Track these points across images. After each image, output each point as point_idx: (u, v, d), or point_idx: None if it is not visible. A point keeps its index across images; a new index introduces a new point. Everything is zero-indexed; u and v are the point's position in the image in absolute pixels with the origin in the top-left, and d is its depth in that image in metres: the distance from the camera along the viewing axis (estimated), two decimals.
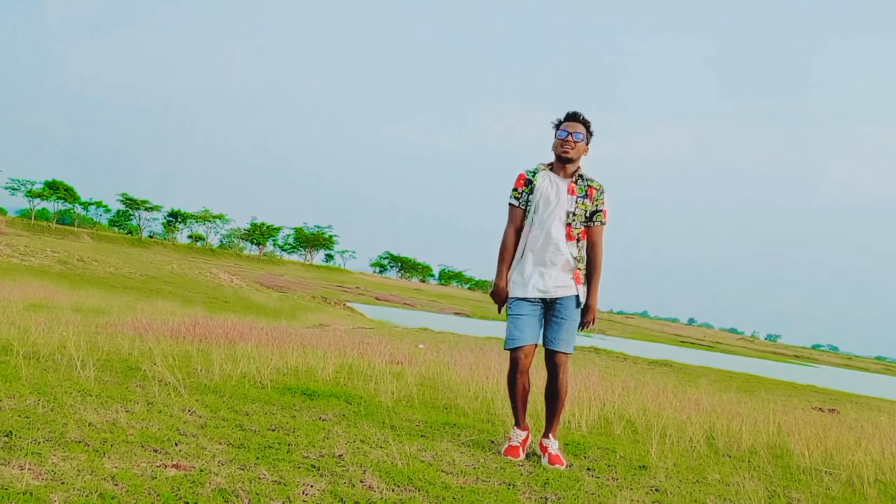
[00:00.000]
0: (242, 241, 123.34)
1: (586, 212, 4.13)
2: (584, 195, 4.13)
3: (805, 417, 6.88)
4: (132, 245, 75.34)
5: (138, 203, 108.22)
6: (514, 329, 4.08)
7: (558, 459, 4.03)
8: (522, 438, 4.18)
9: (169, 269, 49.14)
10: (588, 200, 4.13)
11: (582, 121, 4.13)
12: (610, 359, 18.89)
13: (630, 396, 6.51)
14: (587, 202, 4.12)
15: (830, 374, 44.74)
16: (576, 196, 4.10)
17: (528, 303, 4.10)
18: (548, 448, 4.10)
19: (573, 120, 4.13)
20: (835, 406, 10.11)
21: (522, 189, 4.19)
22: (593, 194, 4.14)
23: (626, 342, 49.23)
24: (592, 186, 4.15)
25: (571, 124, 4.12)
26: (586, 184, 4.15)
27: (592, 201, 4.13)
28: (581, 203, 4.11)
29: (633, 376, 8.49)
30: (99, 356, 5.92)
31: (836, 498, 4.16)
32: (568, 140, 4.08)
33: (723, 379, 15.53)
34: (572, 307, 4.10)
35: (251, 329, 9.30)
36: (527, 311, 4.09)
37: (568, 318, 4.08)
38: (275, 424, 4.10)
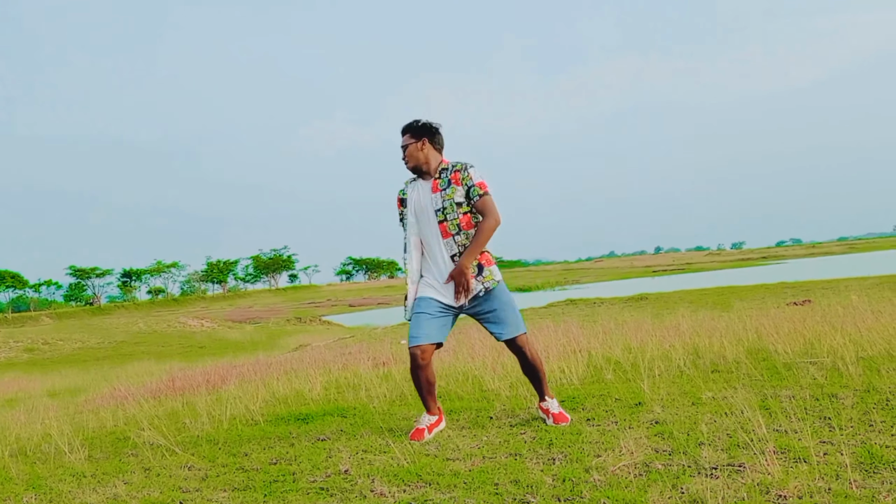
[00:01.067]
0: (203, 283, 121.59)
1: (455, 199, 4.12)
2: (448, 184, 4.14)
3: (781, 315, 7.07)
4: (94, 315, 73.76)
5: (88, 272, 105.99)
6: (415, 328, 4.13)
7: (563, 417, 4.10)
8: (431, 422, 4.22)
9: (136, 329, 48.28)
10: (454, 186, 4.13)
11: (406, 130, 4.27)
12: (587, 306, 19.14)
13: (613, 339, 6.62)
14: (454, 189, 4.13)
15: (798, 267, 45.95)
16: (440, 191, 4.15)
17: (436, 302, 4.15)
18: (549, 409, 4.17)
19: (402, 134, 4.29)
20: (807, 297, 10.40)
21: (401, 210, 4.34)
22: (458, 177, 4.14)
23: (600, 286, 49.84)
24: (456, 170, 4.17)
25: (402, 138, 4.29)
26: (449, 173, 4.18)
27: (460, 184, 4.13)
28: (447, 194, 4.13)
29: (613, 318, 8.63)
30: (85, 436, 5.82)
31: (824, 385, 4.31)
32: (403, 156, 4.26)
33: (698, 299, 15.85)
34: (492, 296, 4.15)
35: (231, 369, 9.21)
36: (433, 309, 4.13)
37: (498, 308, 4.14)
38: (275, 457, 4.09)
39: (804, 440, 3.19)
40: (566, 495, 2.84)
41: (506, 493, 2.95)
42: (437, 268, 4.17)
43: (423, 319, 4.12)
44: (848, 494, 2.57)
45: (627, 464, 3.12)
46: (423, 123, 4.25)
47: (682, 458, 3.15)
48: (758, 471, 2.86)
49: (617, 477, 2.98)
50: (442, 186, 4.15)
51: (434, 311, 4.13)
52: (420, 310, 4.15)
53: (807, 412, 3.75)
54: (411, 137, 4.24)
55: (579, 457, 3.34)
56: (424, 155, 4.21)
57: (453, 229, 4.12)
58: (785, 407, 3.84)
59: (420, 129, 4.24)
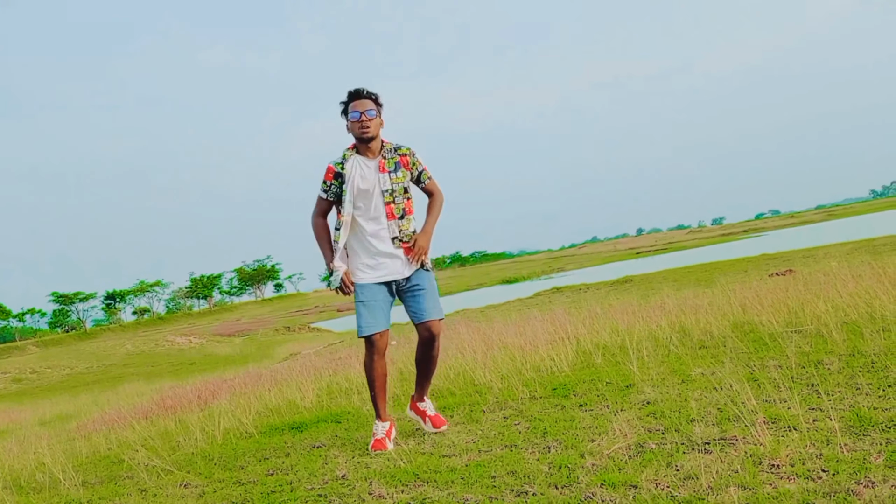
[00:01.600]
0: (188, 300, 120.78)
1: (405, 183, 4.07)
2: (396, 168, 4.05)
3: (764, 287, 7.14)
4: (80, 340, 73.00)
5: (71, 297, 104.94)
6: (368, 315, 4.02)
7: (440, 420, 4.15)
8: (387, 429, 4.11)
9: (124, 351, 47.91)
10: (403, 170, 4.06)
11: (368, 96, 4.00)
12: (573, 292, 19.22)
13: (600, 323, 6.66)
14: (403, 172, 4.05)
15: (779, 238, 46.34)
16: (388, 172, 4.02)
17: (376, 286, 4.06)
18: (426, 411, 4.18)
19: (360, 98, 4.00)
20: (789, 267, 10.50)
21: (332, 182, 4.07)
22: (407, 161, 4.07)
23: (585, 272, 50.03)
24: (404, 155, 4.08)
25: (360, 103, 3.98)
26: (396, 155, 4.07)
27: (409, 168, 4.08)
28: (396, 177, 4.04)
29: (599, 303, 8.67)
30: (79, 462, 5.77)
31: (810, 352, 4.36)
32: (363, 120, 3.96)
33: (682, 277, 15.97)
34: (424, 276, 4.09)
35: (221, 384, 9.16)
36: (377, 295, 4.05)
37: (427, 288, 4.07)
38: (272, 468, 4.07)
39: (793, 408, 3.23)
40: (563, 482, 2.85)
41: (503, 484, 2.96)
42: (373, 248, 4.03)
43: (375, 307, 4.02)
44: (839, 458, 2.60)
45: (621, 446, 3.15)
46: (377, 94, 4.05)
47: (675, 435, 3.18)
48: (750, 442, 2.89)
49: (612, 460, 3.00)
50: (390, 168, 4.03)
51: (381, 297, 4.05)
52: (367, 298, 4.03)
53: (794, 381, 3.79)
54: (376, 105, 4.02)
55: (574, 443, 3.36)
56: (379, 128, 4.04)
57: (398, 213, 4.04)
58: (772, 377, 3.88)
59: (379, 101, 4.04)
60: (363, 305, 4.04)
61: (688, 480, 2.63)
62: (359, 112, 3.96)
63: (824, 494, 2.33)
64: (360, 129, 3.98)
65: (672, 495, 2.51)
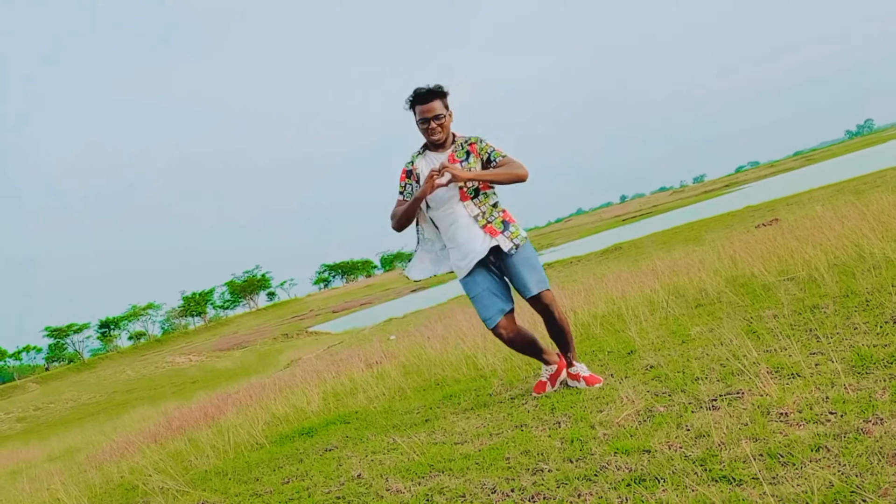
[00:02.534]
0: (183, 319, 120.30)
1: (476, 167, 3.92)
2: (467, 156, 3.93)
3: (752, 239, 7.18)
4: (80, 371, 72.61)
5: (65, 330, 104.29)
6: (482, 308, 3.99)
7: (594, 378, 3.96)
8: (551, 373, 4.12)
9: (125, 377, 47.74)
10: (473, 157, 3.92)
11: (434, 94, 3.86)
12: (563, 266, 19.29)
13: (595, 294, 6.68)
14: (474, 159, 3.92)
15: (760, 189, 46.51)
16: (459, 163, 3.91)
17: (477, 275, 3.97)
18: (579, 374, 4.02)
19: (426, 101, 3.86)
20: (774, 217, 10.56)
21: (406, 182, 4.03)
22: (476, 149, 3.94)
23: (575, 244, 50.12)
24: (472, 143, 3.96)
25: (427, 108, 3.85)
26: (466, 146, 3.96)
27: (479, 155, 3.93)
28: (468, 164, 3.91)
29: (591, 273, 8.70)
30: (93, 493, 5.76)
31: (804, 298, 4.39)
32: (433, 127, 3.87)
33: (669, 239, 16.02)
34: (520, 252, 3.94)
35: (226, 399, 9.15)
36: (480, 284, 3.97)
37: (520, 261, 3.93)
38: (287, 477, 4.08)
39: (794, 356, 3.26)
40: (577, 455, 2.87)
41: (518, 465, 2.98)
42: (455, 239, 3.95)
43: (484, 296, 3.96)
44: (846, 399, 2.63)
45: (630, 413, 3.16)
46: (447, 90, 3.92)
47: (682, 396, 3.20)
48: (756, 394, 2.92)
49: (623, 428, 3.02)
50: (460, 157, 3.92)
51: (484, 284, 3.97)
52: (472, 292, 3.98)
53: (792, 328, 3.82)
54: (444, 107, 3.90)
55: (583, 415, 3.37)
56: (448, 126, 3.94)
57: (471, 193, 3.92)
58: (770, 327, 3.90)
59: (445, 95, 3.91)
60: (475, 300, 4.03)
61: (700, 439, 2.66)
62: (426, 118, 3.86)
63: (835, 436, 2.36)
64: (430, 135, 3.93)
65: (686, 455, 2.53)
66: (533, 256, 4.01)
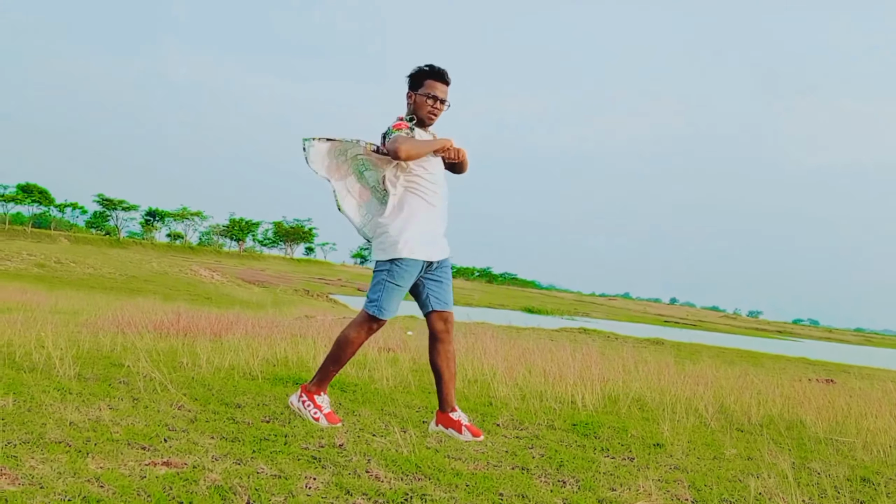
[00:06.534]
0: (222, 238, 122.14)
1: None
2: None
3: (806, 388, 6.75)
4: (110, 246, 74.25)
5: (115, 203, 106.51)
6: (392, 301, 3.71)
7: (477, 430, 3.78)
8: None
9: (149, 267, 48.55)
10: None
11: (448, 81, 3.78)
12: (601, 338, 18.78)
13: (632, 374, 6.34)
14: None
15: (816, 348, 45.05)
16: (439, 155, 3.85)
17: (416, 269, 3.72)
18: (461, 421, 3.79)
19: (441, 80, 3.76)
20: (830, 377, 10.04)
21: (407, 131, 3.71)
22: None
23: (611, 323, 49.29)
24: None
25: (442, 88, 3.76)
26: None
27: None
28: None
29: (630, 354, 8.35)
30: (79, 354, 5.65)
31: (856, 466, 4.01)
32: (436, 106, 3.76)
33: (718, 355, 15.45)
34: (448, 265, 3.90)
35: (237, 321, 9.03)
36: (411, 280, 3.73)
37: (449, 277, 3.88)
38: (269, 416, 3.88)
39: None
40: None
41: None
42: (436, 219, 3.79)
43: (402, 293, 3.75)
44: None
45: None
46: None
47: None
48: None
49: None
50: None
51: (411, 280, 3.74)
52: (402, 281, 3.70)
53: (838, 492, 3.46)
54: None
55: (592, 486, 3.09)
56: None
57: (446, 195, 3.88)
58: (815, 481, 3.56)
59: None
60: (391, 288, 3.70)
61: None
62: (438, 98, 3.75)
63: None
64: (429, 112, 3.77)
65: None
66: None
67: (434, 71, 3.76)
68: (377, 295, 3.73)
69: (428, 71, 3.76)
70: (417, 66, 3.80)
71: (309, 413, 3.83)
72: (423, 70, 3.78)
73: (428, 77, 3.76)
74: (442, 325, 3.86)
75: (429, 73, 3.76)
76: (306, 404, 3.86)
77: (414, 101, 3.80)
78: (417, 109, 3.79)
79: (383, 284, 3.72)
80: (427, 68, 3.77)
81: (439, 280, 3.85)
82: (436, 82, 3.75)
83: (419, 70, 3.78)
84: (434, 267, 3.83)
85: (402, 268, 3.71)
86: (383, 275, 3.73)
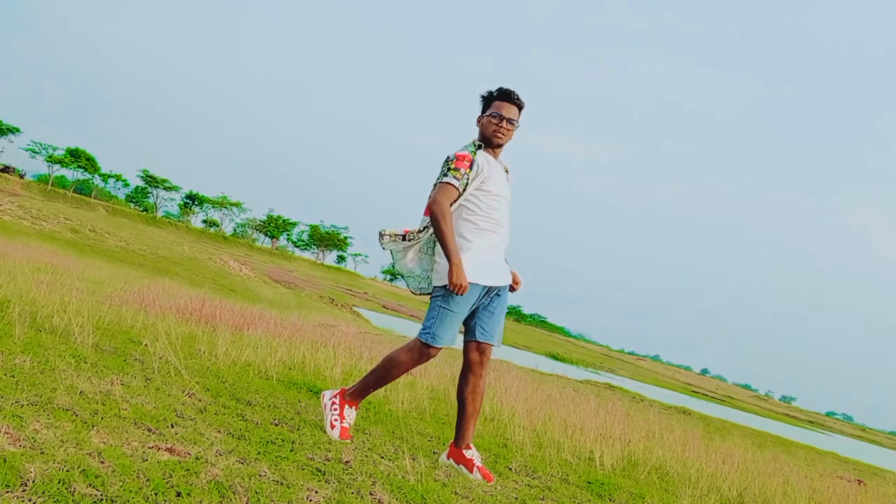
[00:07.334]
0: (256, 232, 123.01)
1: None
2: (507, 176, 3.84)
3: (836, 486, 6.44)
4: (146, 223, 75.13)
5: (158, 181, 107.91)
6: (447, 328, 3.55)
7: (489, 474, 3.60)
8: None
9: (180, 250, 49.12)
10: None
11: (517, 102, 3.72)
12: (626, 398, 18.37)
13: (656, 440, 6.09)
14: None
15: (847, 444, 43.51)
16: (508, 183, 3.81)
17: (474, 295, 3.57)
18: (474, 461, 3.63)
19: (508, 101, 3.71)
20: (860, 477, 9.63)
21: (466, 171, 3.61)
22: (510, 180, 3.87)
23: (637, 384, 48.39)
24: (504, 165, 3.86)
25: (508, 107, 3.69)
26: (504, 164, 3.86)
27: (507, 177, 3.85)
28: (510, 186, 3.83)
29: (657, 419, 8.08)
30: (100, 324, 5.61)
31: None
32: (503, 125, 3.68)
33: (746, 434, 14.97)
34: (507, 295, 3.78)
35: (260, 317, 8.96)
36: (468, 307, 3.57)
37: (503, 311, 3.74)
38: (279, 419, 3.75)
39: None
40: None
41: None
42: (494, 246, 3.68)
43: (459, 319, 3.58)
44: None
45: None
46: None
47: None
48: None
49: None
50: (508, 177, 3.84)
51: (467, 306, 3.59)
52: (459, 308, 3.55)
53: None
54: (519, 115, 3.76)
55: None
56: (509, 140, 3.78)
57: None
58: None
59: (522, 111, 3.78)
60: (448, 313, 3.55)
61: None
62: (504, 117, 3.68)
63: None
64: (495, 131, 3.69)
65: None
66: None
67: (502, 92, 3.74)
68: (431, 321, 3.61)
69: (496, 93, 3.75)
70: (488, 90, 3.76)
71: (330, 416, 3.73)
72: (491, 93, 3.77)
73: (496, 98, 3.74)
74: (477, 357, 3.71)
75: (497, 94, 3.74)
76: (334, 407, 3.75)
77: (482, 123, 3.77)
78: (484, 129, 3.76)
79: (437, 310, 3.59)
80: (496, 91, 3.75)
81: (492, 312, 3.72)
82: (503, 102, 3.72)
83: (488, 93, 3.78)
84: (492, 295, 3.71)
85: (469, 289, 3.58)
86: (438, 300, 3.62)
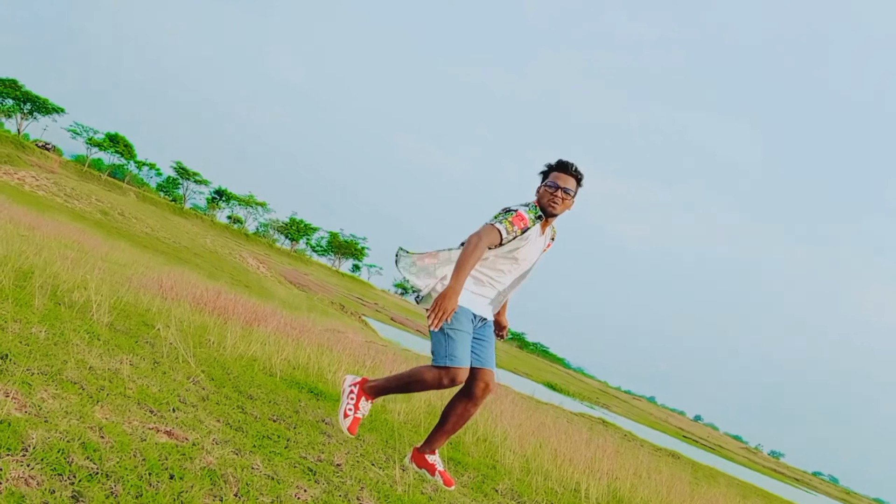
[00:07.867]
0: (277, 233, 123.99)
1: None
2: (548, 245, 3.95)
3: None
4: (173, 212, 75.92)
5: (190, 174, 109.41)
6: (461, 346, 3.57)
7: (450, 479, 3.63)
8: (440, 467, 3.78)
9: (202, 242, 49.64)
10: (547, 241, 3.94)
11: (575, 174, 3.81)
12: (618, 435, 18.30)
13: (643, 480, 6.13)
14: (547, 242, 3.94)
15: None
16: (544, 251, 3.91)
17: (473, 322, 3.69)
18: (436, 465, 3.64)
19: (564, 171, 3.78)
20: None
21: (518, 231, 3.68)
22: (550, 245, 3.99)
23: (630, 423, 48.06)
24: (553, 238, 3.99)
25: (565, 178, 3.76)
26: (553, 231, 3.96)
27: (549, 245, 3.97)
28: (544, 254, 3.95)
29: (646, 459, 8.09)
30: (116, 304, 5.76)
31: None
32: (558, 195, 3.73)
33: (734, 483, 14.85)
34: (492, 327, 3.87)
35: (271, 315, 9.10)
36: (469, 325, 3.65)
37: (492, 338, 3.83)
38: (277, 415, 3.86)
39: None
40: None
41: None
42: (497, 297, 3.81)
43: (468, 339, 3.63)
44: None
45: None
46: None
47: None
48: None
49: None
50: (550, 245, 3.97)
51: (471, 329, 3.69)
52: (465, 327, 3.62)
53: None
54: (577, 186, 3.85)
55: None
56: (565, 211, 3.85)
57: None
58: None
59: (581, 183, 3.88)
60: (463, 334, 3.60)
61: None
62: (556, 184, 3.75)
63: None
64: (550, 201, 3.76)
65: None
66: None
67: (560, 163, 3.85)
68: (441, 346, 3.61)
69: (555, 164, 3.87)
70: (547, 163, 3.91)
71: (346, 403, 3.68)
72: (550, 165, 3.89)
73: (554, 169, 3.86)
74: (482, 386, 3.73)
75: (555, 166, 3.85)
76: (351, 396, 3.72)
77: (539, 194, 3.86)
78: (541, 199, 3.83)
79: (445, 333, 3.62)
80: (555, 163, 3.88)
81: (482, 338, 3.80)
82: (560, 173, 3.82)
83: (548, 165, 3.90)
84: (480, 326, 3.80)
85: (461, 312, 3.66)
86: (445, 324, 3.68)
